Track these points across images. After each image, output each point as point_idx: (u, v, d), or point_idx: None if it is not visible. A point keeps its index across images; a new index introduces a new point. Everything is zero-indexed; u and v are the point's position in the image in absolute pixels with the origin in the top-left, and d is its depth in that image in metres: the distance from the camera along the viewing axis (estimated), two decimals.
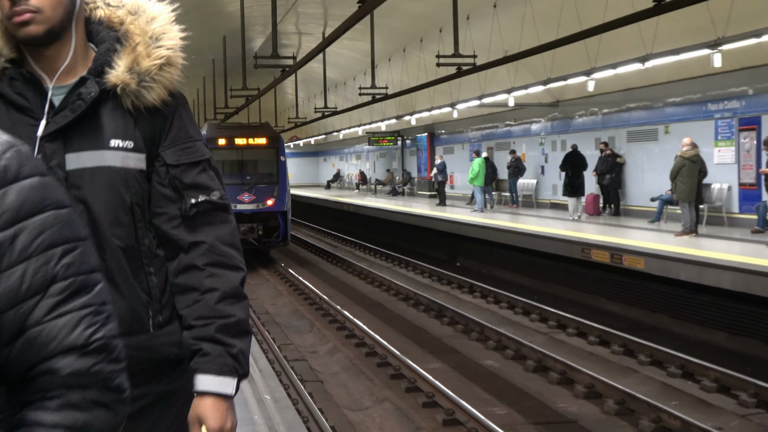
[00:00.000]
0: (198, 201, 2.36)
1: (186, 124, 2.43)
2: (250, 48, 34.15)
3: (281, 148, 27.64)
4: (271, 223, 26.79)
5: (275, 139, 27.92)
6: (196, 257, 2.35)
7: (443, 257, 27.25)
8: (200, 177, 2.39)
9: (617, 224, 21.37)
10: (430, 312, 18.37)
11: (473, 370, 13.55)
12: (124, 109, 2.31)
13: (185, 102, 2.47)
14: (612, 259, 16.47)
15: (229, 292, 2.34)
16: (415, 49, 30.18)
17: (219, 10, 30.25)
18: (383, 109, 39.19)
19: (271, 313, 19.35)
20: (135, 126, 2.33)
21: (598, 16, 17.31)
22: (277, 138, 28.16)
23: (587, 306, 18.15)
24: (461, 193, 35.08)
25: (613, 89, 23.35)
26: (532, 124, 29.28)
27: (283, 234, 26.84)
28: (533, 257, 20.82)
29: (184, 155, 2.39)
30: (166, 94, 2.35)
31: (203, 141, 2.46)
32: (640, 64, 18.29)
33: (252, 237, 26.48)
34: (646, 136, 22.67)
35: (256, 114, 51.69)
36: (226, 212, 2.42)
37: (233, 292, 2.36)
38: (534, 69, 24.57)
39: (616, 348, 14.05)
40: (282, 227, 26.73)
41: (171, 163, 2.37)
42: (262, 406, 7.19)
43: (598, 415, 11.07)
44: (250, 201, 26.42)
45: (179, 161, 2.38)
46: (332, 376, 13.59)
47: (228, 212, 2.43)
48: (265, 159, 27.65)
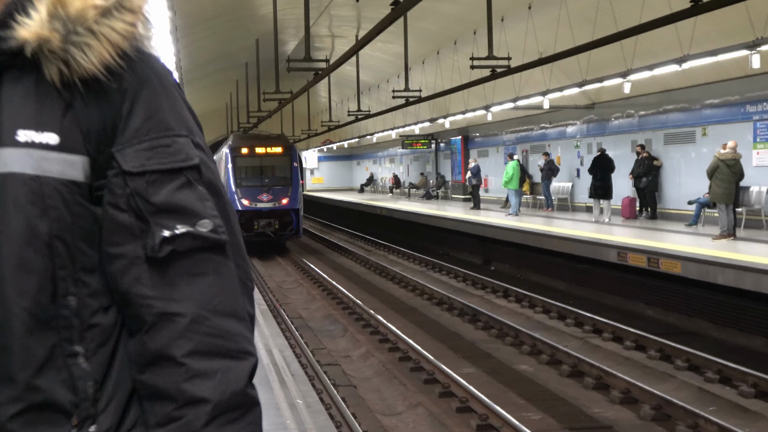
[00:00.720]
0: (174, 234, 1.40)
1: (160, 108, 1.46)
2: (283, 51, 34.19)
3: (294, 156, 32.58)
4: (286, 219, 31.59)
5: (289, 149, 32.67)
6: (171, 340, 1.39)
7: (477, 261, 27.14)
8: (180, 195, 1.42)
9: (654, 228, 21.15)
10: (464, 316, 18.26)
11: (507, 375, 13.43)
12: (46, 83, 1.41)
13: (160, 73, 1.51)
14: (649, 263, 16.28)
15: (226, 404, 1.41)
16: (449, 51, 30.08)
17: (252, 13, 30.29)
18: (417, 112, 39.12)
19: (304, 317, 19.30)
20: (65, 110, 1.41)
21: (635, 17, 17.14)
22: (291, 147, 32.83)
23: (623, 310, 17.97)
24: (496, 197, 34.93)
25: (650, 91, 23.13)
26: (568, 126, 29.07)
27: (296, 227, 31.81)
28: (568, 261, 20.66)
29: (155, 158, 1.42)
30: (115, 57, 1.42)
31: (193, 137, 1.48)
32: (677, 65, 18.08)
33: (270, 230, 31.28)
34: (684, 138, 22.42)
35: (289, 117, 51.83)
36: (222, 255, 1.45)
37: (235, 401, 1.43)
38: (569, 71, 24.39)
39: (653, 353, 13.88)
40: (295, 222, 31.64)
41: (130, 171, 1.41)
42: (295, 411, 7.11)
43: (633, 420, 10.93)
44: (268, 200, 31.16)
45: (144, 167, 1.42)
46: (365, 381, 13.50)
47: (225, 255, 1.45)
48: (280, 165, 32.30)
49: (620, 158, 25.49)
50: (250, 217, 30.94)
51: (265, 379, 8.10)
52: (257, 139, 34.32)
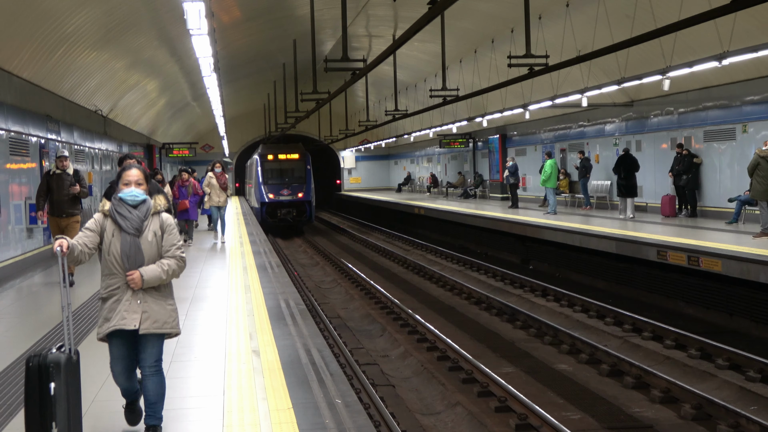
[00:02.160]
0: None
1: None
2: (320, 51, 34.30)
3: (308, 161, 42.53)
4: (302, 208, 41.21)
5: (305, 155, 42.75)
6: None
7: (516, 260, 27.07)
8: None
9: (694, 226, 20.99)
10: (502, 316, 18.22)
11: (546, 375, 13.39)
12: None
13: None
14: (689, 261, 16.16)
15: None
16: (487, 49, 30.00)
17: (289, 13, 30.38)
18: (454, 111, 39.07)
19: (343, 317, 19.34)
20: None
21: (673, 14, 17.01)
22: (305, 154, 42.88)
23: (664, 309, 17.87)
24: (534, 195, 34.82)
25: (689, 88, 22.95)
26: (606, 124, 28.91)
27: (309, 215, 41.52)
28: (608, 260, 20.55)
29: None
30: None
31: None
32: (717, 62, 17.90)
33: (289, 217, 40.82)
34: (724, 135, 22.21)
35: (326, 117, 51.95)
36: None
37: None
38: (608, 68, 24.25)
39: (693, 352, 13.79)
40: (308, 211, 41.34)
41: None
42: (334, 411, 7.14)
43: (674, 420, 10.86)
44: (288, 194, 40.95)
45: None
46: (404, 381, 13.52)
47: None
48: (297, 167, 42.13)
49: (659, 156, 25.35)
50: (274, 207, 40.73)
51: (304, 379, 8.13)
52: (279, 148, 43.22)
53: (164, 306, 6.46)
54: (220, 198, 22.84)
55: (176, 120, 46.05)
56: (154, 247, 6.44)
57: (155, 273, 6.34)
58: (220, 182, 22.91)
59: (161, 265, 6.38)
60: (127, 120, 33.03)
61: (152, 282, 6.35)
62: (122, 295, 6.36)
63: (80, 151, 23.85)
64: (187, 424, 6.95)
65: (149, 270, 6.34)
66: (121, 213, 6.42)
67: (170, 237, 6.52)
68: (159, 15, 22.36)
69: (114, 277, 6.39)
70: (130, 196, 6.46)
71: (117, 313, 6.31)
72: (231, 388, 7.85)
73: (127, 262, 6.35)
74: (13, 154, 17.33)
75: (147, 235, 6.44)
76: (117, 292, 6.37)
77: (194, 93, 38.59)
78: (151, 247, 6.43)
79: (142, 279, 6.30)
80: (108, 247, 6.39)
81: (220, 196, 22.84)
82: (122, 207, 6.44)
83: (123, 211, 6.43)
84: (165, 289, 6.54)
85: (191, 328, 11.02)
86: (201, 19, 14.43)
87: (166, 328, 6.45)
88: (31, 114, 18.77)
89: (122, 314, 6.30)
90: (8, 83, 17.20)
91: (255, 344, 9.76)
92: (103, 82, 25.59)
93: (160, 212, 6.59)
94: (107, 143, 28.62)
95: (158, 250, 6.47)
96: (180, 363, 9.00)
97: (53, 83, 20.69)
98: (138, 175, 6.56)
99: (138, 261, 6.36)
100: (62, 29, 18.25)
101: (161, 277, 6.37)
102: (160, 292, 6.47)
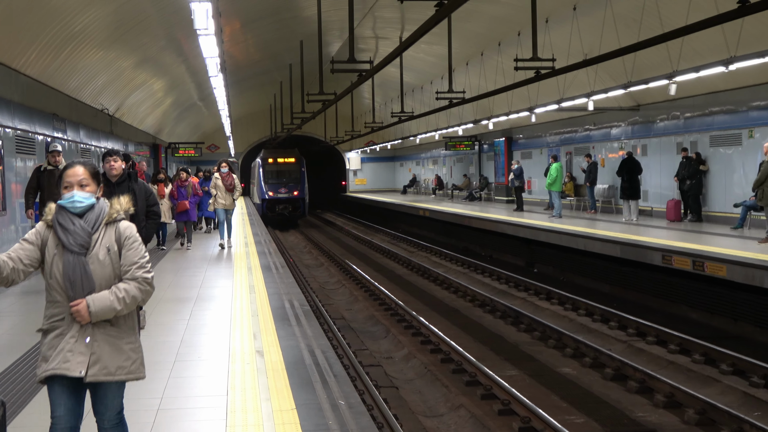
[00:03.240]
0: None
1: None
2: (327, 52, 34.28)
3: (302, 164, 48.46)
4: (297, 204, 47.69)
5: (300, 159, 48.73)
6: None
7: (520, 263, 27.05)
8: None
9: (699, 230, 20.96)
10: (506, 318, 18.21)
11: (550, 378, 13.38)
12: None
13: None
14: (694, 266, 16.14)
15: None
16: (493, 52, 29.99)
17: (296, 14, 30.40)
18: (460, 114, 39.06)
19: (347, 318, 19.35)
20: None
21: (681, 18, 17.00)
22: (301, 158, 48.84)
23: (668, 314, 17.85)
24: (539, 199, 34.78)
25: (696, 93, 22.93)
26: (612, 128, 28.88)
27: (302, 210, 48.21)
28: (613, 264, 20.53)
29: None
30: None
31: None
32: (724, 67, 17.87)
33: (285, 212, 47.22)
34: (730, 140, 22.18)
35: (332, 118, 51.98)
36: None
37: None
38: (614, 72, 24.23)
39: (697, 357, 13.77)
40: (302, 207, 47.99)
41: None
42: (337, 412, 7.14)
43: (677, 425, 10.85)
44: (285, 192, 47.28)
45: None
46: (407, 383, 13.52)
47: None
48: (293, 170, 48.15)
49: (665, 160, 25.32)
50: (273, 203, 47.39)
51: (308, 380, 8.14)
52: (278, 153, 49.42)
53: (120, 346, 4.98)
54: (226, 200, 21.31)
55: (182, 120, 46.10)
56: (107, 267, 4.96)
57: (107, 303, 4.85)
58: (226, 183, 21.30)
59: (116, 292, 4.89)
60: (134, 119, 33.07)
61: (104, 314, 4.86)
62: (67, 329, 4.91)
63: (86, 150, 23.87)
64: (191, 423, 6.96)
65: (100, 299, 4.86)
66: (62, 224, 4.97)
67: (130, 253, 5.02)
68: (166, 14, 22.38)
69: (57, 306, 4.95)
70: (69, 202, 5.00)
71: (58, 353, 4.87)
72: (235, 389, 7.86)
73: (71, 288, 4.88)
74: (20, 152, 17.35)
75: (98, 252, 4.96)
76: (60, 324, 4.93)
77: (201, 93, 38.63)
78: (104, 267, 4.95)
79: (89, 311, 4.84)
80: (50, 268, 4.95)
81: (226, 199, 21.30)
82: (64, 216, 4.99)
83: (65, 221, 4.98)
84: (124, 324, 5.03)
85: (195, 328, 11.03)
86: (208, 19, 14.44)
87: (121, 375, 4.97)
88: (38, 112, 18.79)
89: (65, 355, 4.86)
90: (15, 81, 17.22)
91: (259, 344, 9.76)
92: (110, 81, 25.62)
93: (117, 220, 5.10)
94: (113, 142, 28.64)
95: (114, 271, 4.99)
96: (184, 363, 9.01)
97: (60, 82, 20.72)
98: (82, 174, 5.05)
99: (86, 287, 4.88)
100: (70, 28, 18.28)
101: (115, 307, 4.87)
102: (116, 328, 4.98)
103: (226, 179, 21.39)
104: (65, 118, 21.35)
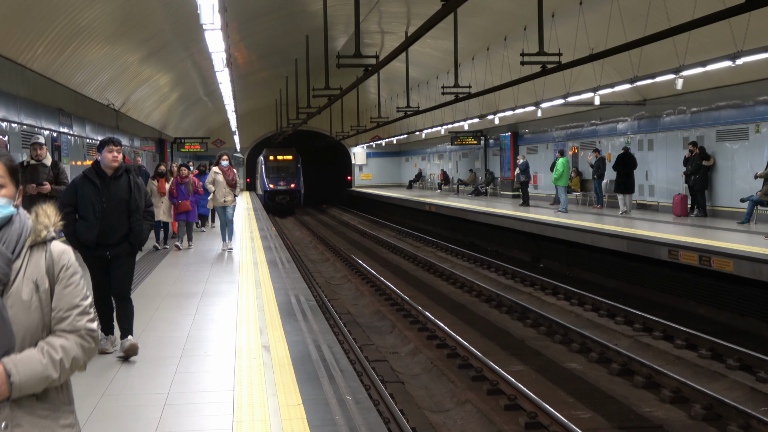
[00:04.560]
0: None
1: None
2: (332, 47, 34.28)
3: (299, 160, 55.93)
4: (294, 195, 55.18)
5: (297, 156, 56.01)
6: None
7: (526, 258, 27.04)
8: None
9: (705, 225, 20.93)
10: (513, 314, 18.20)
11: (556, 373, 13.37)
12: None
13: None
14: (700, 261, 16.11)
15: None
16: (499, 47, 29.96)
17: (302, 9, 30.39)
18: (466, 109, 39.01)
19: (353, 313, 19.35)
20: None
21: (687, 13, 16.95)
22: (297, 155, 56.09)
23: (674, 309, 17.83)
24: (545, 194, 34.76)
25: (702, 87, 22.88)
26: (618, 123, 28.84)
27: (299, 200, 55.87)
28: (619, 259, 20.51)
29: None
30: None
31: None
32: (731, 61, 17.83)
33: (284, 201, 54.63)
34: (737, 135, 22.14)
35: (338, 113, 51.98)
36: None
37: None
38: (620, 67, 24.19)
39: (704, 352, 13.75)
40: (299, 197, 55.70)
41: None
42: (344, 407, 7.14)
43: (684, 420, 10.83)
44: (284, 185, 54.40)
45: None
46: (413, 378, 13.51)
47: None
48: (291, 166, 55.56)
49: (671, 155, 25.28)
50: (273, 194, 54.36)
51: (314, 375, 8.14)
52: (278, 151, 56.44)
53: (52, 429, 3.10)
54: (226, 197, 19.53)
55: (188, 115, 46.12)
56: (34, 312, 3.10)
57: (38, 369, 3.02)
58: (227, 178, 19.50)
59: (51, 352, 3.06)
60: (139, 114, 33.09)
61: (32, 386, 3.02)
62: None
63: (92, 144, 23.90)
64: (198, 418, 6.96)
65: (25, 362, 3.01)
66: None
67: (69, 291, 3.17)
68: (172, 9, 22.38)
69: None
70: None
71: None
72: (241, 384, 7.86)
73: None
74: (26, 148, 17.36)
75: (20, 290, 3.09)
76: None
77: (206, 88, 38.64)
78: (29, 313, 3.09)
79: (8, 382, 2.97)
80: None
81: (226, 196, 19.51)
82: None
83: None
84: (56, 397, 3.16)
85: (202, 323, 11.04)
86: (214, 14, 14.43)
87: None
88: (44, 107, 18.81)
89: None
90: (21, 76, 17.23)
91: (265, 340, 9.76)
92: (116, 76, 25.63)
93: (47, 240, 3.22)
94: (119, 137, 28.66)
95: (43, 319, 3.13)
96: (191, 358, 9.01)
97: (66, 77, 20.73)
98: None
99: (2, 343, 3.02)
100: (76, 23, 18.28)
101: (50, 375, 3.05)
102: (47, 404, 3.11)
103: (227, 174, 19.65)
104: (71, 113, 21.36)
